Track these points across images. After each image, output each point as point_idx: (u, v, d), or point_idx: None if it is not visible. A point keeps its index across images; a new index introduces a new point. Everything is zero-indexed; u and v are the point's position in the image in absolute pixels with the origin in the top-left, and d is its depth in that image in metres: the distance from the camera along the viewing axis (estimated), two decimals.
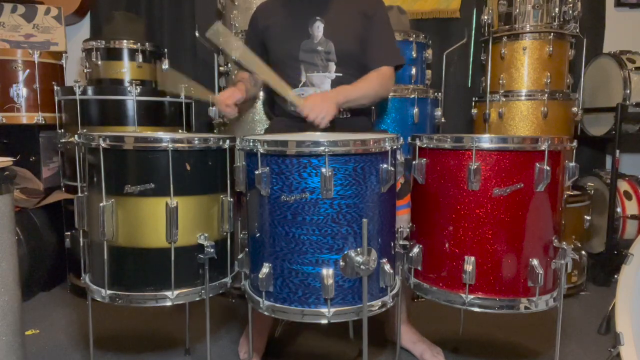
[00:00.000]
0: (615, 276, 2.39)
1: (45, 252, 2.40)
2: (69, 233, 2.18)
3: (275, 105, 1.89)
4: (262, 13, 1.85)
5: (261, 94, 2.31)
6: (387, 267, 1.28)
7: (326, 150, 1.18)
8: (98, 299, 1.44)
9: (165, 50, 2.63)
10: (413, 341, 1.80)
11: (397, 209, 1.60)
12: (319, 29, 1.72)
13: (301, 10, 1.75)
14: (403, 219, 1.57)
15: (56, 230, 2.46)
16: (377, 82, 1.72)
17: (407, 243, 1.46)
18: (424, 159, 1.43)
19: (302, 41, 1.73)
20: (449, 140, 1.36)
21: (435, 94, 2.38)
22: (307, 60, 1.73)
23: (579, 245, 2.33)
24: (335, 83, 1.73)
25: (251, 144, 1.26)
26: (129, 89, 2.20)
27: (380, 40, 1.76)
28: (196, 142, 1.41)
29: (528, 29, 2.45)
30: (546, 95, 2.42)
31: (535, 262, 1.32)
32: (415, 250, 1.45)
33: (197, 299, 1.45)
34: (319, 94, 1.65)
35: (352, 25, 1.74)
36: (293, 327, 1.96)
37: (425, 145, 1.42)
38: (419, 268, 1.46)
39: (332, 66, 1.73)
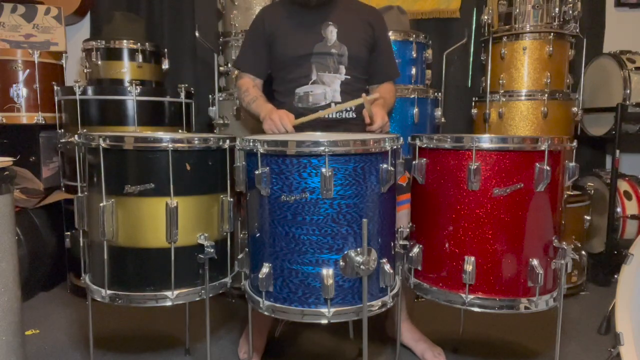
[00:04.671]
0: (615, 276, 2.39)
1: (45, 252, 2.40)
2: (69, 233, 2.17)
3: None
4: (268, 16, 1.86)
5: None
6: (387, 267, 1.28)
7: (326, 150, 1.18)
8: (98, 299, 1.44)
9: (165, 50, 2.63)
10: (415, 339, 1.80)
11: (403, 204, 1.62)
12: (332, 33, 1.77)
13: (311, 14, 1.79)
14: (405, 214, 1.60)
15: (56, 230, 2.46)
16: (394, 94, 1.94)
17: (407, 243, 1.46)
18: (424, 159, 1.43)
19: (316, 43, 1.76)
20: (449, 140, 1.36)
21: (435, 94, 2.38)
22: (319, 61, 1.76)
23: (579, 245, 2.33)
24: (344, 84, 1.77)
25: (251, 144, 1.26)
26: (129, 89, 2.20)
27: (388, 55, 1.92)
28: (196, 142, 1.41)
29: (528, 29, 2.45)
30: (546, 95, 2.42)
31: (535, 262, 1.32)
32: (415, 250, 1.45)
33: (197, 299, 1.45)
34: (380, 107, 1.70)
35: (362, 33, 1.82)
36: (293, 327, 1.96)
37: (425, 145, 1.42)
38: (419, 268, 1.46)
39: (343, 69, 1.77)
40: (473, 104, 2.67)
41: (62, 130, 2.32)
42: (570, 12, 2.42)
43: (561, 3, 2.43)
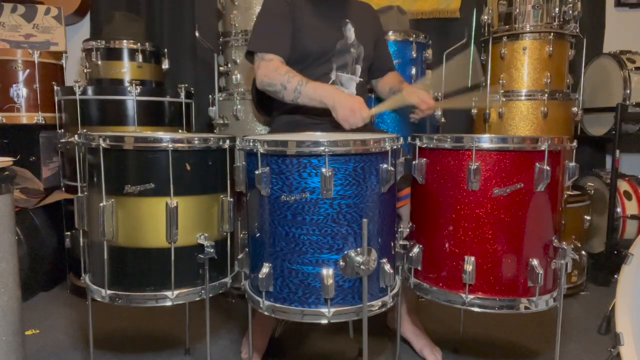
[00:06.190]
0: (615, 276, 2.39)
1: (45, 252, 2.40)
2: (69, 233, 2.18)
3: (273, 103, 1.84)
4: (291, 2, 1.70)
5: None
6: (387, 267, 1.28)
7: (326, 150, 1.18)
8: (98, 299, 1.44)
9: (165, 50, 2.63)
10: (416, 334, 1.80)
11: (405, 198, 1.63)
12: (350, 31, 1.76)
13: (331, 10, 1.76)
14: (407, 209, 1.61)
15: (56, 230, 2.46)
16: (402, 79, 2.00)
17: (407, 243, 1.46)
18: (424, 159, 1.43)
19: (338, 40, 1.73)
20: (449, 140, 1.36)
21: (436, 94, 2.37)
22: (339, 59, 1.74)
23: (579, 245, 2.33)
24: (359, 87, 1.77)
25: (251, 144, 1.26)
26: (129, 89, 2.20)
27: (388, 50, 2.03)
28: (196, 142, 1.41)
29: (528, 29, 2.45)
30: (546, 95, 2.42)
31: (535, 262, 1.32)
32: (415, 250, 1.45)
33: (197, 299, 1.45)
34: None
35: (372, 34, 1.85)
36: (293, 327, 1.96)
37: (425, 145, 1.42)
38: (419, 268, 1.46)
39: (359, 69, 1.77)
40: (473, 104, 2.67)
41: (62, 130, 2.32)
42: (570, 12, 2.42)
43: (561, 3, 2.43)
